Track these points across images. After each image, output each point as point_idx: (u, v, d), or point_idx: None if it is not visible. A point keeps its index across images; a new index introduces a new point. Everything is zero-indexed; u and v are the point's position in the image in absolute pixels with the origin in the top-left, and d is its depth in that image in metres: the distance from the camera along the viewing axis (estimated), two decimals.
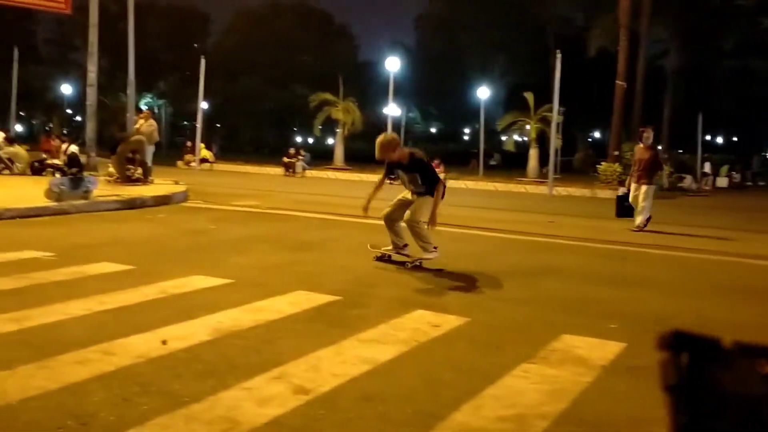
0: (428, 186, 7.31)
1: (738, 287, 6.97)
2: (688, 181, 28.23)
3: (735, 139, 61.31)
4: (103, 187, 12.44)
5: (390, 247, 7.50)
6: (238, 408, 3.20)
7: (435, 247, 7.29)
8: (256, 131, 60.10)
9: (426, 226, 7.19)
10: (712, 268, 8.26)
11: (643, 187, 11.73)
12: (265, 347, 4.17)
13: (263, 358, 3.94)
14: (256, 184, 21.09)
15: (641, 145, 12.14)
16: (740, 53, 43.25)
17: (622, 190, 13.40)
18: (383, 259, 7.44)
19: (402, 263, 7.31)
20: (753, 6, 28.08)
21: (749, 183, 35.60)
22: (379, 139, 7.27)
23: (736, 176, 33.35)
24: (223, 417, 3.10)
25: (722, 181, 31.90)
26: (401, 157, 7.27)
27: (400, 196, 7.58)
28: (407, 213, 7.24)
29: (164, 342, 4.11)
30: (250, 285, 5.87)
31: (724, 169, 32.96)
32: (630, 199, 11.97)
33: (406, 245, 7.42)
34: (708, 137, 46.07)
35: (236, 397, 3.33)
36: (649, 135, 12.22)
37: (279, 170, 29.43)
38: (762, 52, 42.63)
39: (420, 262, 7.22)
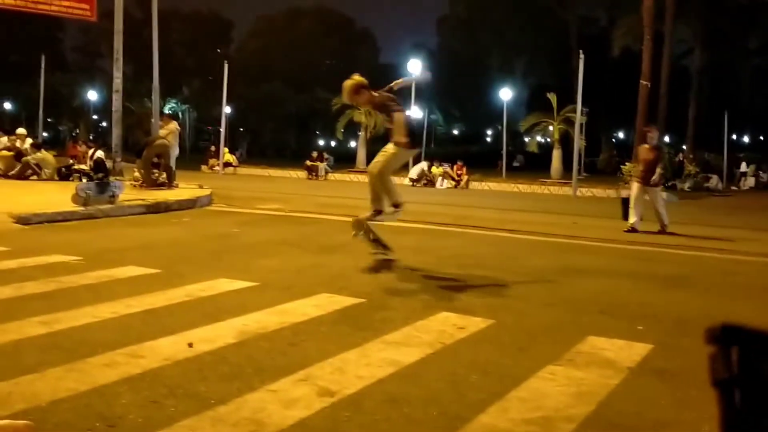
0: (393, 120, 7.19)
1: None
2: (714, 181, 27.86)
3: (762, 138, 60.42)
4: (128, 192, 12.58)
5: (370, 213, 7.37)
6: (264, 410, 3.22)
7: (399, 204, 7.30)
8: (279, 135, 60.41)
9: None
10: (742, 269, 8.14)
11: (651, 190, 11.32)
12: (291, 349, 4.19)
13: (289, 360, 3.95)
14: (279, 187, 21.20)
15: (646, 146, 11.63)
16: (766, 51, 42.61)
17: (626, 192, 12.98)
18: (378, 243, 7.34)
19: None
20: None
21: None
22: (345, 83, 7.26)
23: (763, 176, 32.81)
24: (249, 419, 3.11)
25: (749, 181, 31.39)
26: (369, 99, 7.27)
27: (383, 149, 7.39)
28: (377, 159, 7.22)
29: (190, 344, 4.14)
30: (275, 288, 5.90)
31: (752, 168, 32.43)
32: (632, 200, 11.44)
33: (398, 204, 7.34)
34: (734, 136, 45.44)
35: (262, 399, 3.34)
36: (653, 135, 11.84)
37: (302, 173, 29.57)
38: None
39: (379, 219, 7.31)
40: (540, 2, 47.20)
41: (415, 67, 30.72)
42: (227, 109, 34.05)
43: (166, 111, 48.24)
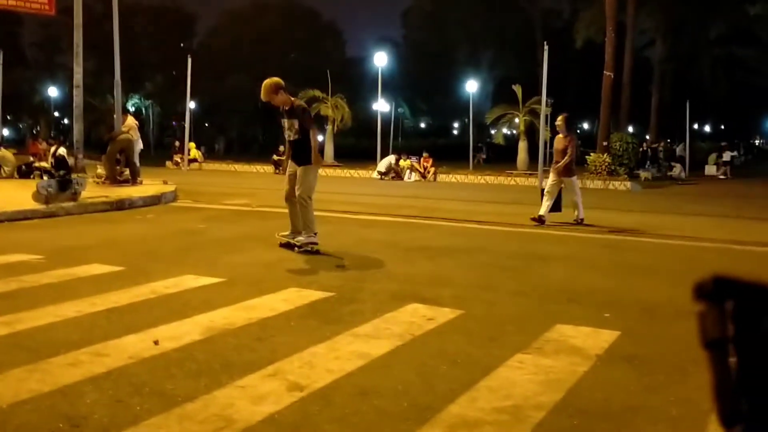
0: (303, 136, 7.68)
1: (736, 274, 6.97)
2: (677, 169, 28.30)
3: (722, 127, 61.63)
4: (91, 189, 12.36)
5: (287, 232, 7.84)
6: (233, 406, 3.18)
7: (315, 233, 7.62)
8: (245, 130, 59.90)
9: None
10: (707, 255, 8.27)
11: (566, 180, 10.95)
12: (259, 345, 4.15)
13: (257, 356, 3.92)
14: (246, 182, 21.02)
15: (559, 135, 11.17)
16: (727, 41, 43.37)
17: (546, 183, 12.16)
18: (288, 246, 7.64)
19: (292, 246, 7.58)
20: None
21: (743, 170, 35.69)
22: (265, 81, 7.83)
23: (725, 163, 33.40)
24: (217, 415, 3.08)
25: (711, 169, 31.95)
26: (284, 101, 7.80)
27: (288, 171, 7.96)
28: (297, 188, 7.66)
29: (156, 342, 4.08)
30: (243, 283, 5.84)
31: (713, 157, 33.00)
32: (546, 190, 11.01)
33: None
34: (696, 126, 46.24)
35: (230, 396, 3.31)
36: (560, 123, 11.17)
37: (269, 168, 29.34)
38: (748, 40, 42.81)
39: (309, 247, 7.49)
40: None
41: (381, 60, 30.66)
42: (192, 104, 33.63)
43: (129, 107, 47.55)
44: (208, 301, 5.15)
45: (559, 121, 11.27)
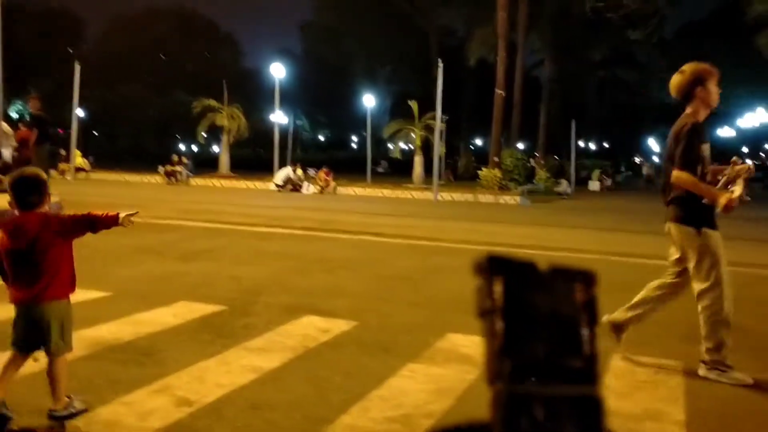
0: None
1: (616, 284, 7.33)
2: (563, 185, 29.58)
3: (606, 145, 65.04)
4: None
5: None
6: (118, 423, 3.08)
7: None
8: (138, 139, 57.97)
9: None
10: (591, 266, 8.65)
11: None
12: (147, 360, 4.03)
13: (144, 372, 3.80)
14: (137, 193, 20.33)
15: None
16: (610, 64, 46.00)
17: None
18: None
19: None
20: (620, 19, 30.03)
21: (623, 186, 37.84)
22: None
23: (608, 180, 35.27)
24: None
25: (594, 185, 33.61)
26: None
27: None
28: None
29: (35, 359, 3.87)
30: (132, 297, 5.65)
31: (596, 173, 34.76)
32: None
33: None
34: (582, 143, 48.57)
35: (116, 412, 3.20)
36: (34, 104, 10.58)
37: (161, 179, 28.51)
38: (629, 63, 45.59)
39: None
40: (402, 13, 48.31)
41: (278, 72, 30.49)
42: (80, 112, 32.24)
43: (12, 113, 45.06)
44: (94, 315, 4.94)
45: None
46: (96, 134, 56.03)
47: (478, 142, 56.97)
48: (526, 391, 0.49)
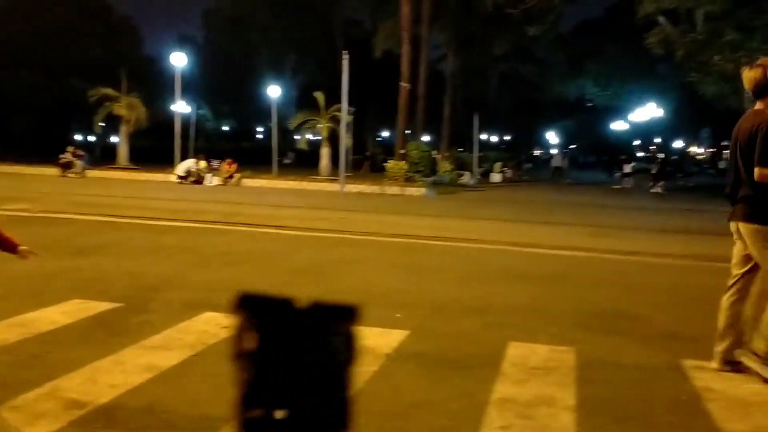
0: None
1: (514, 273, 7.56)
2: (466, 177, 30.19)
3: (507, 138, 66.90)
4: None
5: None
6: (5, 429, 2.92)
7: None
8: (31, 129, 54.97)
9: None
10: (492, 256, 8.91)
11: None
12: (35, 362, 3.85)
13: (33, 374, 3.63)
14: (28, 185, 19.29)
15: None
16: (510, 58, 47.23)
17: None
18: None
19: None
20: (520, 15, 30.86)
21: (525, 178, 39.01)
22: None
23: (509, 171, 36.30)
24: None
25: (496, 177, 34.47)
26: None
27: None
28: None
29: None
30: (19, 296, 5.38)
31: (498, 165, 35.67)
32: None
33: None
34: (484, 136, 49.70)
35: (1, 418, 3.03)
36: None
37: (55, 171, 27.18)
38: (529, 58, 47.01)
39: None
40: (306, 3, 47.91)
41: (179, 60, 29.63)
42: None
43: None
44: None
45: None
46: None
47: (385, 134, 57.35)
48: None
